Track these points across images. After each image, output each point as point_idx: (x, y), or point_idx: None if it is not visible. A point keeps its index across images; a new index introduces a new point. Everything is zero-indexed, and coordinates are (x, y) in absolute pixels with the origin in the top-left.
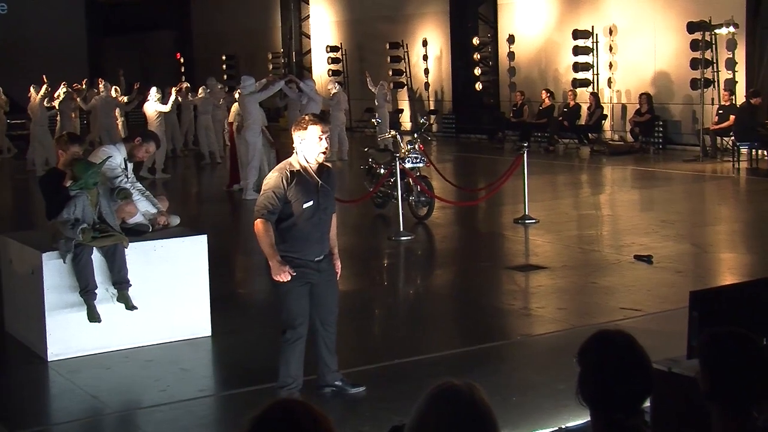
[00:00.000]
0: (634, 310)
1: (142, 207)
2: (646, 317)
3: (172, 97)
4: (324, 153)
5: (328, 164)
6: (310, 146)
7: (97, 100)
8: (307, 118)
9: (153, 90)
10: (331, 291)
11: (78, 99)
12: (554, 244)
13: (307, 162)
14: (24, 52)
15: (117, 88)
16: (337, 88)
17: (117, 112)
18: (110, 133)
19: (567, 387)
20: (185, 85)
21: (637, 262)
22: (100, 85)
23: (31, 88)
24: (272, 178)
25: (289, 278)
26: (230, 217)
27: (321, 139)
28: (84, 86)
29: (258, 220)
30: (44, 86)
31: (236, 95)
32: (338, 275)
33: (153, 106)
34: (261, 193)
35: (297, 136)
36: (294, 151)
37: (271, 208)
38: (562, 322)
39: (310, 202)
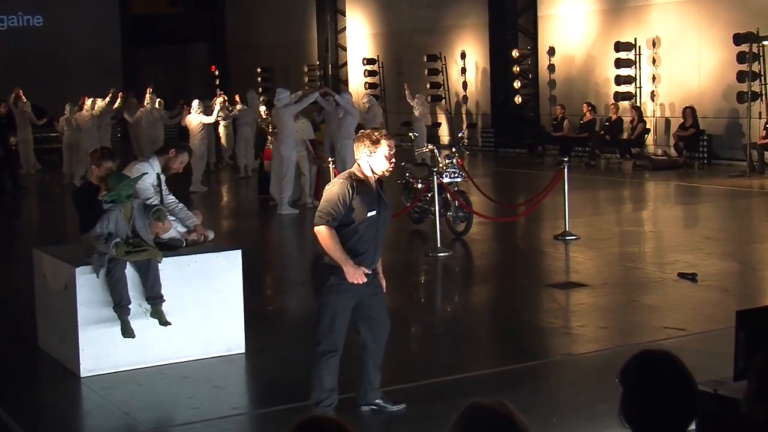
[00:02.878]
0: (678, 329)
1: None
2: (690, 337)
3: (217, 108)
4: (393, 167)
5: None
6: (379, 159)
7: (142, 112)
8: (376, 133)
9: (195, 102)
10: (381, 304)
11: (124, 112)
12: (595, 261)
13: (373, 173)
14: (59, 65)
15: (161, 101)
16: (372, 101)
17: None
18: (156, 146)
19: (608, 408)
20: (223, 97)
21: (681, 280)
22: (146, 97)
23: (88, 100)
24: (337, 185)
25: (366, 279)
26: (265, 232)
27: (391, 154)
28: (118, 98)
29: (321, 226)
30: (108, 97)
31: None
32: (383, 291)
33: (197, 118)
34: (324, 199)
35: (364, 148)
36: (357, 162)
37: (335, 214)
38: (604, 342)
39: (374, 212)
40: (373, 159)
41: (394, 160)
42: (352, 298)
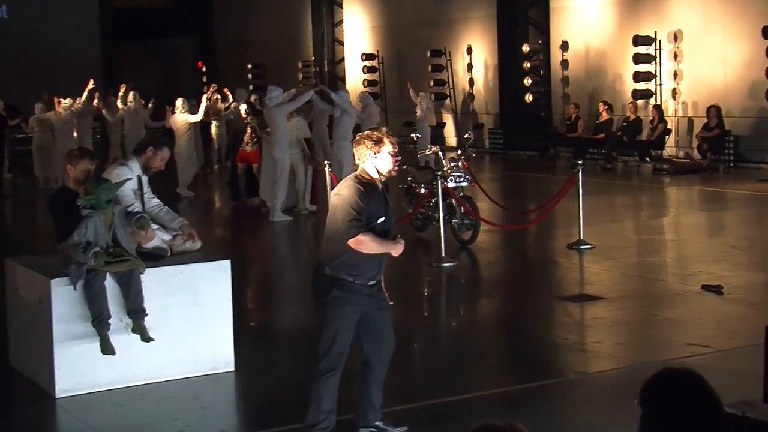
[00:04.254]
0: (702, 346)
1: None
2: (715, 354)
3: (203, 106)
4: (398, 167)
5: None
6: (384, 159)
7: (125, 112)
8: (377, 132)
9: (179, 101)
10: (387, 318)
11: (103, 111)
12: (612, 272)
13: (379, 175)
14: (29, 60)
15: (143, 100)
16: (368, 100)
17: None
18: None
19: (626, 431)
20: (213, 88)
21: (705, 292)
22: (129, 96)
23: (63, 100)
24: (348, 188)
25: (403, 245)
26: (257, 241)
27: (396, 152)
28: (95, 97)
29: (358, 236)
30: (85, 92)
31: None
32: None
33: (182, 118)
34: (341, 208)
35: (367, 149)
36: (360, 164)
37: (362, 217)
38: (622, 359)
39: (382, 218)
40: (378, 160)
41: (399, 157)
42: (356, 312)
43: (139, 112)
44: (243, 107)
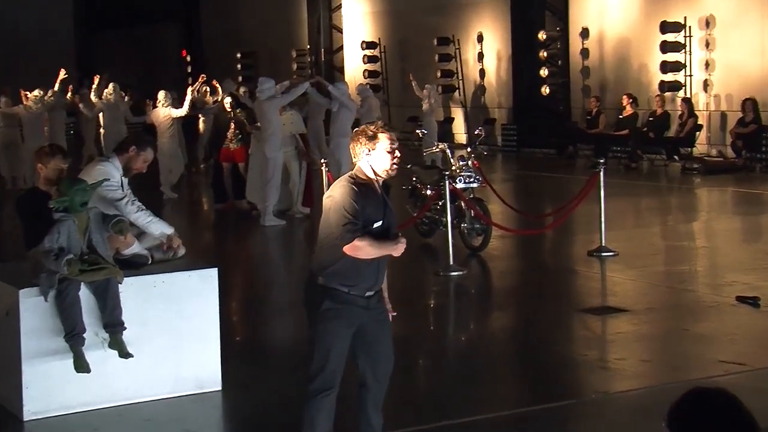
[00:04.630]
0: (737, 363)
1: (156, 229)
2: (752, 373)
3: (188, 99)
4: (397, 165)
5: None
6: (380, 157)
7: (104, 105)
8: (373, 126)
9: (161, 94)
10: (386, 333)
11: (80, 105)
12: (637, 282)
13: (376, 175)
14: None
15: (123, 93)
16: (367, 92)
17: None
18: None
19: None
20: (201, 79)
21: (741, 304)
22: (109, 87)
23: (32, 93)
24: (341, 189)
25: (405, 244)
26: (247, 247)
27: (393, 148)
28: (69, 89)
29: (353, 242)
30: (56, 83)
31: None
32: (390, 318)
33: (164, 112)
34: (333, 210)
35: (361, 146)
36: (356, 163)
37: (357, 220)
38: (647, 378)
39: (380, 222)
40: (373, 157)
41: (398, 154)
42: (351, 326)
43: (120, 106)
44: (227, 100)
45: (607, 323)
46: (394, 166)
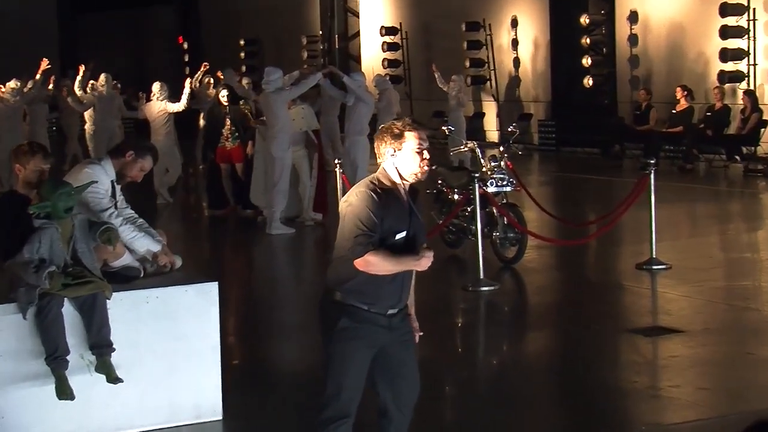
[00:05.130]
0: None
1: (141, 245)
2: None
3: (187, 91)
4: (428, 167)
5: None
6: (407, 158)
7: (96, 98)
8: (400, 123)
9: (156, 86)
10: (410, 356)
11: (69, 98)
12: (693, 299)
13: (402, 179)
14: None
15: (118, 84)
16: (386, 84)
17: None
18: (112, 143)
19: None
20: (204, 68)
21: None
22: (101, 79)
23: (8, 84)
24: (360, 196)
25: (432, 257)
26: (251, 259)
27: (422, 149)
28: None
29: (365, 256)
30: (38, 74)
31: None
32: (416, 339)
33: (159, 106)
34: (348, 220)
35: (386, 145)
36: (381, 164)
37: (373, 233)
38: (705, 408)
39: (403, 233)
40: (398, 158)
41: (427, 156)
42: (371, 347)
43: (114, 99)
44: (223, 93)
45: (658, 346)
46: (424, 168)
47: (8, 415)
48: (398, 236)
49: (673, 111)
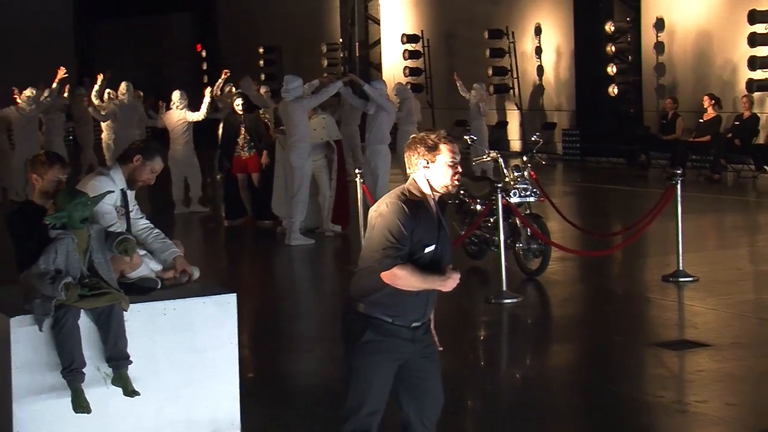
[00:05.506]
0: None
1: (153, 258)
2: None
3: (207, 100)
4: (459, 181)
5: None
6: (439, 171)
7: (117, 106)
8: (434, 135)
9: (176, 94)
10: (433, 370)
11: (90, 108)
12: (721, 312)
13: (433, 191)
14: None
15: (141, 93)
16: (406, 93)
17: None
18: None
19: None
20: (225, 75)
21: None
22: (122, 87)
23: (25, 92)
24: (391, 208)
25: (458, 280)
26: (269, 270)
27: (455, 162)
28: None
29: (393, 269)
30: (55, 83)
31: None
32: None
33: (179, 115)
34: (377, 232)
35: (419, 157)
36: (411, 175)
37: (403, 246)
38: (734, 424)
39: (432, 246)
40: (431, 171)
41: (459, 169)
42: (395, 360)
43: (136, 108)
44: (237, 101)
45: (685, 360)
46: (456, 182)
47: (25, 428)
48: (427, 249)
49: (700, 120)
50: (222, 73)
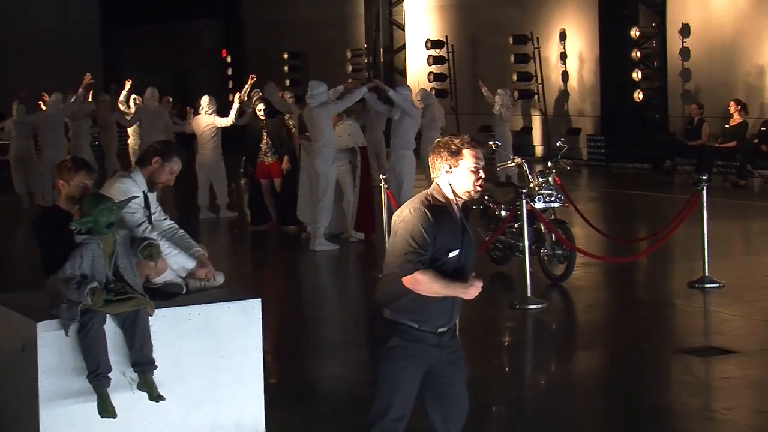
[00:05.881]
0: None
1: (174, 262)
2: None
3: (236, 106)
4: (482, 186)
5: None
6: (462, 176)
7: (141, 112)
8: (458, 140)
9: (205, 99)
10: (459, 376)
11: (113, 113)
12: (747, 319)
13: (456, 196)
14: (8, 48)
15: (170, 98)
16: (430, 99)
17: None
18: None
19: None
20: (251, 80)
21: None
22: (147, 92)
23: (52, 95)
24: (414, 213)
25: (480, 288)
26: (294, 275)
27: (478, 168)
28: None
29: (414, 274)
30: (82, 87)
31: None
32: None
33: (207, 120)
34: (400, 236)
35: (442, 161)
36: (435, 179)
37: (425, 252)
38: (762, 431)
39: (456, 251)
40: (454, 176)
41: (482, 175)
42: (421, 366)
43: (162, 114)
44: (260, 106)
45: (711, 366)
46: (478, 188)
47: (51, 431)
48: (451, 254)
49: (726, 126)
50: (248, 78)
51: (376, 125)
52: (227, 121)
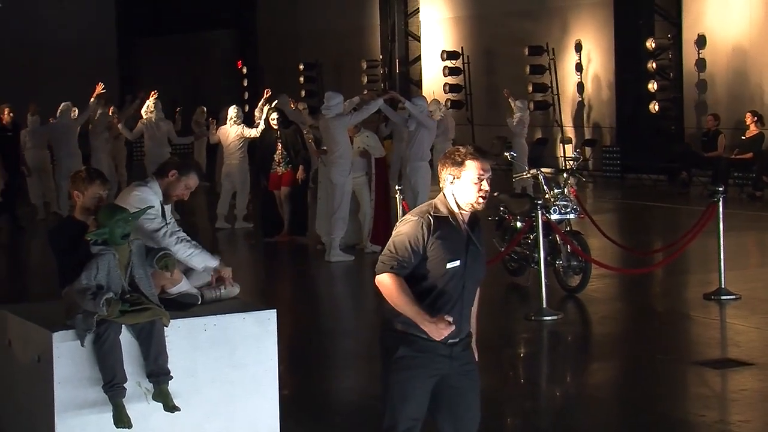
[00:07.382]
0: None
1: (198, 262)
2: None
3: (263, 116)
4: (484, 198)
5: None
6: (464, 187)
7: (145, 124)
8: (463, 150)
9: (232, 110)
10: (472, 387)
11: (120, 126)
12: (764, 331)
13: (459, 208)
14: (26, 58)
15: (177, 110)
16: (443, 110)
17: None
18: None
19: None
20: (266, 94)
21: None
22: (149, 104)
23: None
24: (408, 224)
25: (453, 329)
26: (310, 286)
27: (482, 179)
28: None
29: (384, 274)
30: (94, 96)
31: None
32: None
33: (235, 130)
34: (390, 242)
35: (447, 172)
36: (442, 190)
37: (402, 261)
38: None
39: (456, 262)
40: (456, 187)
41: (486, 187)
42: (431, 376)
43: (161, 126)
44: (273, 116)
45: (727, 378)
46: (480, 200)
47: None
48: (449, 265)
49: (742, 137)
50: (263, 92)
51: (404, 136)
52: (256, 132)
